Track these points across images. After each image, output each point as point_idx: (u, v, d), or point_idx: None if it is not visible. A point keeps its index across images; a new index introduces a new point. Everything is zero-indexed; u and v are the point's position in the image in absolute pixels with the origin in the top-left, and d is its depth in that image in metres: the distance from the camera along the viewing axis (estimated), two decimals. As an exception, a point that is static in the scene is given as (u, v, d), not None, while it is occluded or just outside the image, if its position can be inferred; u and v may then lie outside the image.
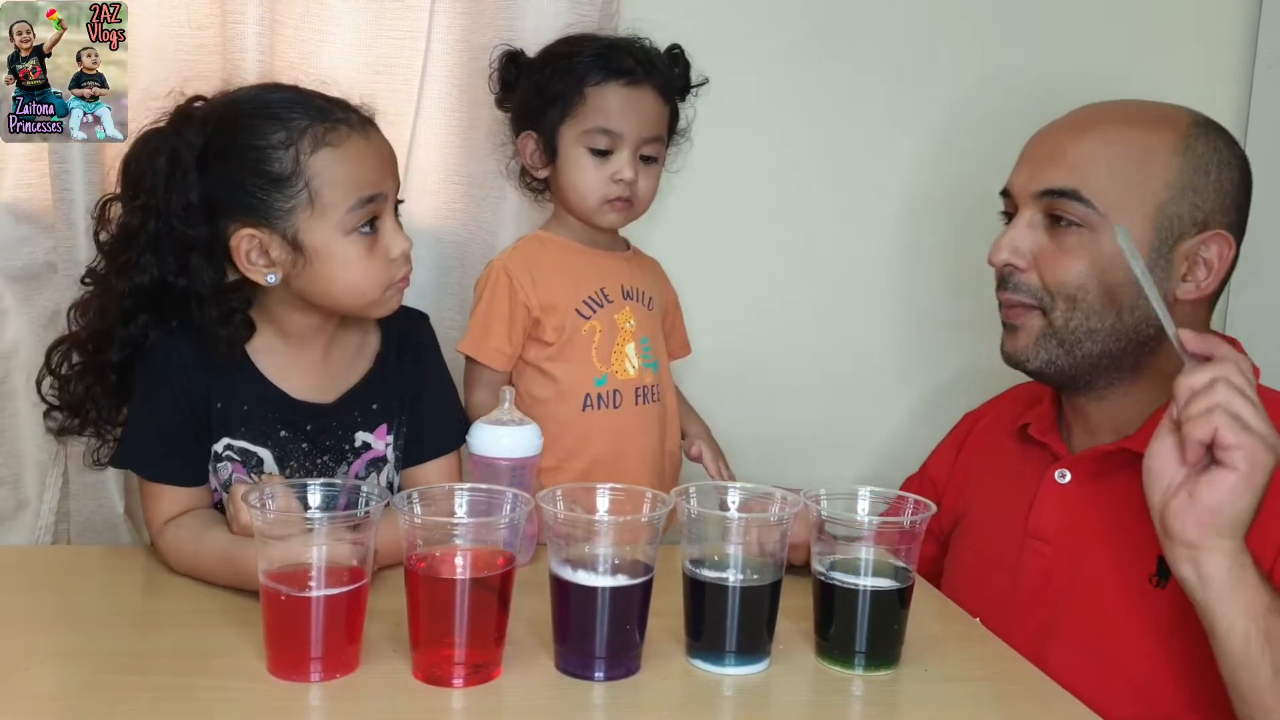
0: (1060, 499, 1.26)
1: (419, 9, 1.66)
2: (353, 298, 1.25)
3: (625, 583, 1.01)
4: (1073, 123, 1.26)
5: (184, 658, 1.02)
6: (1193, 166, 1.20)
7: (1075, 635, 1.19)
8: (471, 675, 0.99)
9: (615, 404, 1.46)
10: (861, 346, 1.87)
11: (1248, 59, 1.89)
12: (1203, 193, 1.20)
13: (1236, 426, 0.97)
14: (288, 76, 1.49)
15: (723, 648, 1.04)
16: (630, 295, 1.50)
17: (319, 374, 1.31)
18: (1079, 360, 1.23)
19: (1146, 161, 1.20)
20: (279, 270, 1.22)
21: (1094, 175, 1.20)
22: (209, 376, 1.26)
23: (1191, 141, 1.21)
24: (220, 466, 1.27)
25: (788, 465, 1.72)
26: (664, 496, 1.05)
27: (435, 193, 1.72)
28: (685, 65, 1.53)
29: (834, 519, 1.07)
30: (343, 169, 1.21)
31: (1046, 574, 1.25)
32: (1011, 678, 1.07)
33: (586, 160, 1.45)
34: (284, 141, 1.20)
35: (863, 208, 1.84)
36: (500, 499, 1.03)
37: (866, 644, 1.06)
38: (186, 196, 1.20)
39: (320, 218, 1.21)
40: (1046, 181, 1.22)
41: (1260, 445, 0.98)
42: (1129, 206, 1.19)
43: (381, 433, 1.33)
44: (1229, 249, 1.21)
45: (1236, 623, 0.99)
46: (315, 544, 0.98)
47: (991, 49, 1.85)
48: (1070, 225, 1.21)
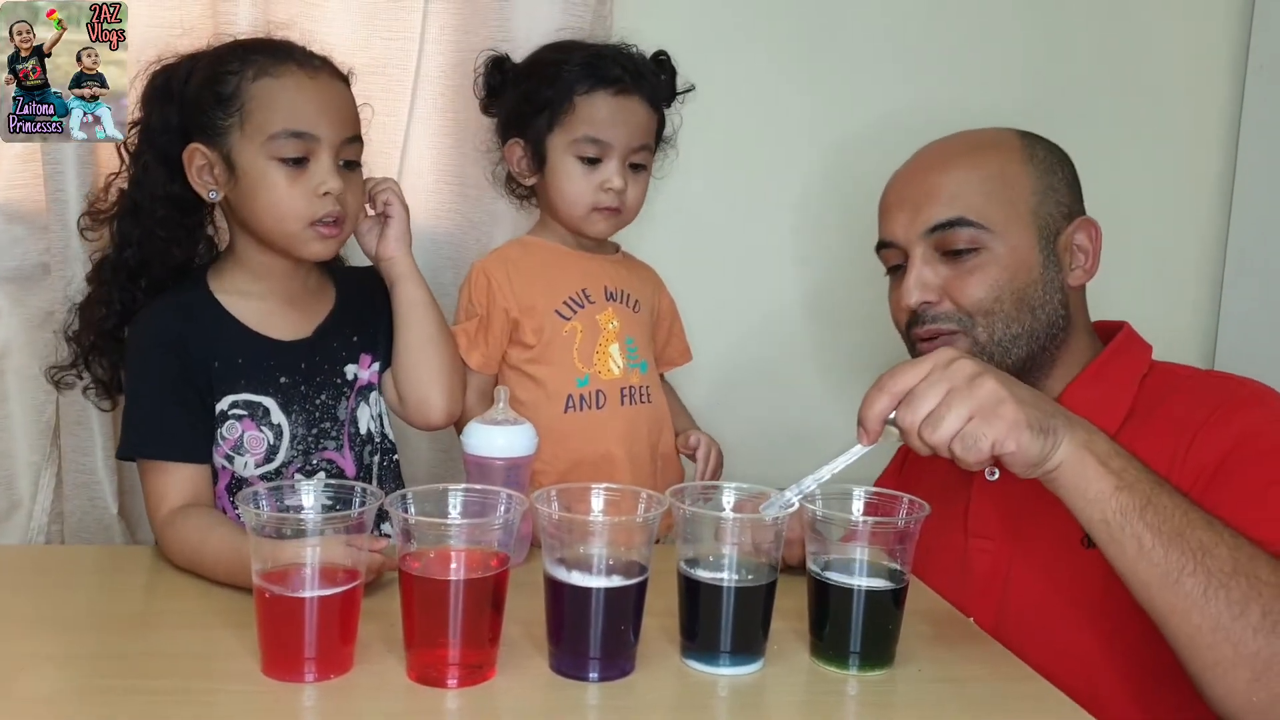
0: (993, 496, 1.31)
1: (412, 10, 1.66)
2: (273, 222, 1.31)
3: (620, 583, 1.01)
4: (926, 164, 1.35)
5: (177, 659, 1.02)
6: (1041, 170, 1.31)
7: (1026, 615, 1.23)
8: (466, 676, 0.98)
9: (599, 404, 1.45)
10: (855, 348, 1.87)
11: (1239, 63, 1.90)
12: (1058, 190, 1.31)
13: (968, 443, 1.00)
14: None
15: (717, 648, 1.04)
16: (613, 296, 1.49)
17: (291, 310, 1.38)
18: (1008, 367, 1.26)
19: (1006, 176, 1.30)
20: (220, 188, 1.32)
21: (971, 200, 1.28)
22: (199, 338, 1.31)
23: (1030, 151, 1.32)
24: (228, 426, 1.31)
25: (783, 466, 1.73)
26: (659, 497, 1.05)
27: (429, 194, 1.72)
28: (671, 72, 1.52)
29: (828, 519, 1.07)
30: (276, 97, 1.30)
31: (992, 567, 1.29)
32: (1006, 677, 1.07)
33: (575, 169, 1.44)
34: (237, 68, 1.31)
35: (856, 211, 1.84)
36: (494, 499, 1.03)
37: (861, 644, 1.06)
38: (166, 117, 1.33)
39: (248, 139, 1.29)
40: (931, 219, 1.30)
41: (984, 424, 1.00)
42: (1009, 217, 1.28)
43: (366, 361, 1.42)
44: (1095, 230, 1.32)
45: (1090, 511, 1.04)
46: (309, 544, 0.97)
47: (983, 50, 1.86)
48: (966, 251, 1.28)
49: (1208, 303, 1.96)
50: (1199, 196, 1.94)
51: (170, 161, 1.33)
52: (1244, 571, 1.00)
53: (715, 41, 1.80)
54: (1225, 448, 1.15)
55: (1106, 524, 1.03)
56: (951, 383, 1.02)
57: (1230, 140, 1.92)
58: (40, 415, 1.56)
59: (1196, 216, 1.95)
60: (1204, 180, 1.94)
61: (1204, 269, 1.95)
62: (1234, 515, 1.05)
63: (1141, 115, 1.88)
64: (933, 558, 1.31)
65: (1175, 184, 1.93)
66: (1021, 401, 1.02)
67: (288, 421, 1.34)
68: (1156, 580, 1.02)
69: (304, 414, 1.35)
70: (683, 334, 1.63)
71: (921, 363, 1.04)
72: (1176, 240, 1.95)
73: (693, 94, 1.71)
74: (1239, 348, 1.91)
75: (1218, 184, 1.94)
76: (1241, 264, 1.91)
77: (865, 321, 1.86)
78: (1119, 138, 1.86)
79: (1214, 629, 1.00)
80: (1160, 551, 1.01)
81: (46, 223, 1.50)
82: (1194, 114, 1.92)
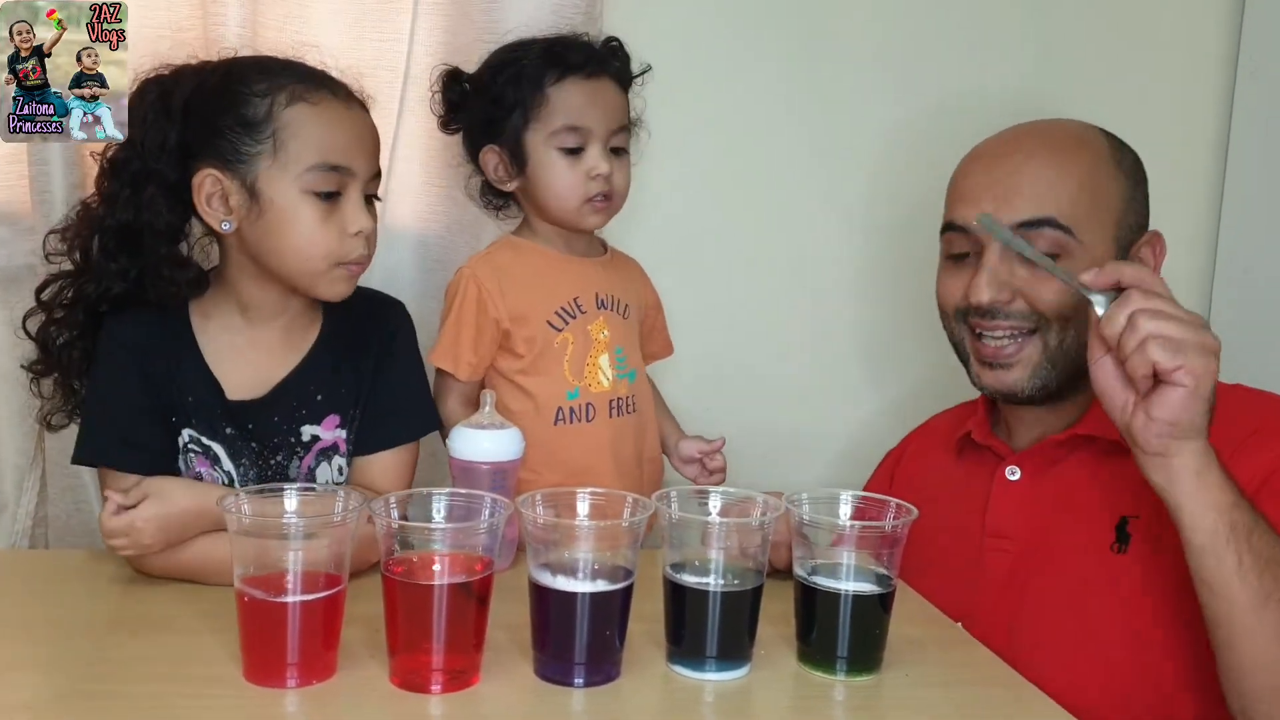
0: (1014, 495, 1.30)
1: (402, 10, 1.65)
2: (299, 262, 1.24)
3: (605, 588, 1.00)
4: (1013, 151, 1.28)
5: (159, 665, 1.01)
6: (1130, 179, 1.27)
7: (1044, 619, 1.21)
8: (450, 681, 0.98)
9: (588, 418, 1.43)
10: (843, 347, 1.87)
11: (1229, 67, 1.89)
12: (1139, 200, 1.28)
13: (1170, 349, 1.03)
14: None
15: (703, 653, 1.03)
16: (605, 304, 1.47)
17: (261, 356, 1.30)
18: (1071, 376, 1.26)
19: (1097, 181, 1.25)
20: (234, 219, 1.23)
21: (1061, 201, 1.24)
22: (160, 358, 1.26)
23: (1120, 156, 1.28)
24: (189, 459, 1.27)
25: (770, 468, 1.73)
26: (645, 501, 1.04)
27: (418, 195, 1.71)
28: (626, 57, 1.49)
29: (815, 523, 1.07)
30: (313, 127, 1.23)
31: (1010, 569, 1.28)
32: (994, 683, 1.07)
33: (559, 162, 1.41)
34: (264, 91, 1.23)
35: (842, 209, 1.84)
36: (479, 504, 1.03)
37: (848, 649, 1.05)
38: (165, 135, 1.23)
39: (281, 169, 1.22)
40: (1018, 214, 1.24)
41: (1198, 355, 1.03)
42: (1095, 225, 1.24)
43: (330, 423, 1.32)
44: (1161, 245, 1.29)
45: (1204, 517, 1.04)
46: (292, 549, 0.97)
47: (972, 53, 1.85)
48: (1047, 254, 1.22)
49: (1197, 309, 1.95)
50: (1189, 204, 1.93)
51: (164, 185, 1.24)
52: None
53: (706, 39, 1.79)
54: (1262, 475, 1.14)
55: (1217, 534, 1.04)
56: (1190, 316, 1.05)
57: (1220, 145, 1.91)
58: (25, 417, 1.55)
59: (1186, 224, 1.94)
60: (1193, 187, 1.93)
61: (1194, 278, 1.94)
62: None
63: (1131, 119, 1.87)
64: (941, 561, 1.30)
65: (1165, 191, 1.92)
66: (1212, 393, 1.05)
67: (236, 472, 1.28)
68: (1245, 601, 1.03)
69: (254, 468, 1.29)
70: (665, 328, 1.60)
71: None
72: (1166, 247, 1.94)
73: (681, 90, 1.71)
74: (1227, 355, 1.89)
75: (1207, 191, 1.93)
76: (1231, 272, 1.90)
77: (854, 321, 1.87)
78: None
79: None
80: (1255, 575, 1.03)
81: (33, 224, 1.49)
82: (1183, 119, 1.92)
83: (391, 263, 1.70)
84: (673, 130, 1.71)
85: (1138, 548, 1.18)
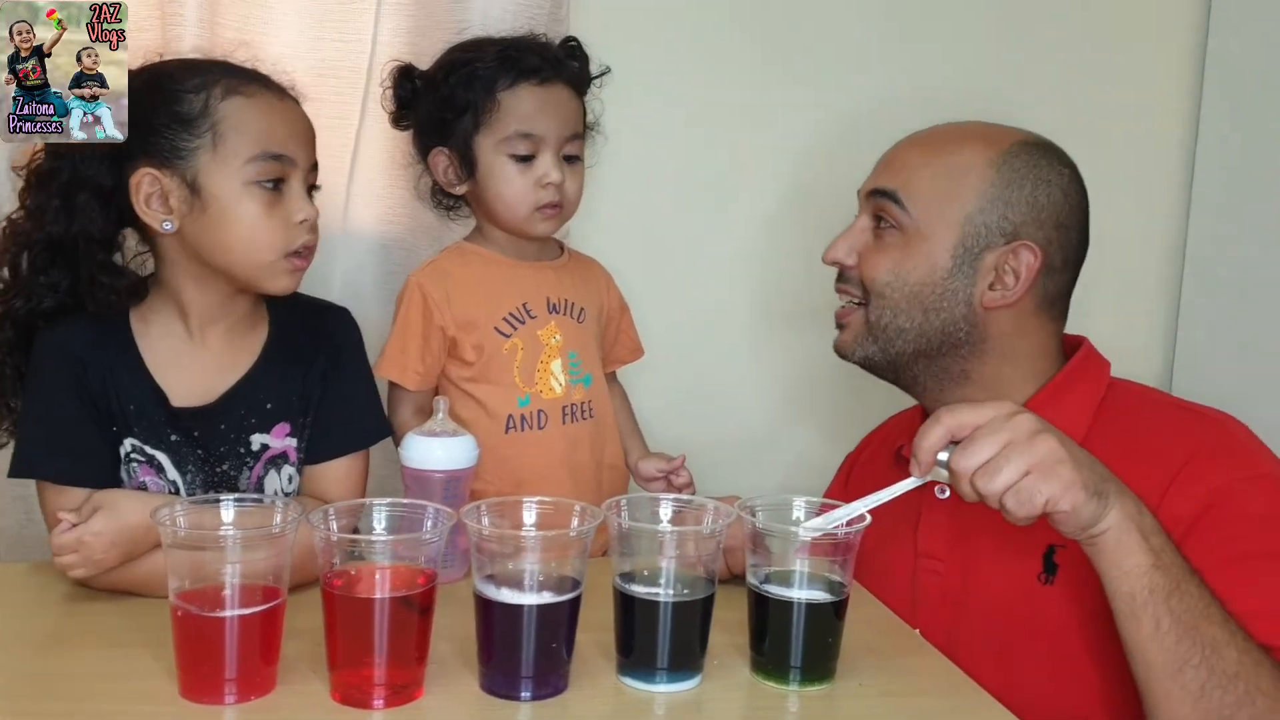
0: (943, 515, 1.28)
1: (364, 11, 1.63)
2: (246, 255, 1.23)
3: (551, 600, 0.98)
4: (916, 135, 1.32)
5: (92, 681, 0.99)
6: (1006, 180, 1.24)
7: (976, 644, 1.19)
8: (392, 696, 0.96)
9: (540, 425, 1.41)
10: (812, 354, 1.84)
11: (1196, 67, 1.88)
12: (1015, 205, 1.23)
13: (1022, 499, 0.99)
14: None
15: (654, 665, 1.01)
16: (556, 308, 1.45)
17: (208, 359, 1.28)
18: (894, 357, 1.28)
19: (962, 172, 1.25)
20: (175, 218, 1.21)
21: (912, 180, 1.26)
22: (99, 367, 1.23)
23: (1009, 157, 1.25)
24: (131, 469, 1.24)
25: (736, 473, 1.71)
26: (593, 510, 1.02)
27: (380, 199, 1.69)
28: (584, 58, 1.46)
29: (767, 530, 1.05)
30: (251, 117, 1.22)
31: (942, 589, 1.26)
32: (950, 692, 1.05)
33: (509, 169, 1.39)
34: (198, 86, 1.21)
35: (813, 212, 1.81)
36: (421, 514, 1.00)
37: (802, 659, 1.03)
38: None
39: (222, 163, 1.20)
40: (875, 182, 1.29)
41: (1043, 482, 0.99)
42: (937, 211, 1.24)
43: (281, 431, 1.29)
44: (1035, 259, 1.23)
45: (1121, 581, 1.03)
46: (229, 561, 0.95)
47: (942, 48, 1.84)
48: (889, 226, 1.26)
49: (1165, 320, 1.94)
50: (1156, 214, 1.92)
51: (98, 191, 1.22)
52: (1246, 677, 1.01)
53: (671, 38, 1.78)
54: (1200, 505, 1.12)
55: (1133, 598, 1.02)
56: (1012, 435, 1.00)
57: (1188, 151, 1.90)
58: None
59: (1154, 233, 1.92)
60: (1161, 195, 1.92)
61: (1162, 285, 1.93)
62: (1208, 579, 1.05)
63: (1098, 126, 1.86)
64: (885, 577, 1.29)
65: (1134, 200, 1.90)
66: (1079, 463, 1.01)
67: (183, 481, 1.25)
68: (1161, 664, 1.02)
69: (200, 475, 1.26)
70: (632, 329, 1.58)
71: (983, 408, 1.03)
72: (1133, 257, 1.92)
73: (649, 90, 1.69)
74: (1197, 366, 1.89)
75: (1175, 198, 1.92)
76: (1200, 280, 1.89)
77: (824, 327, 1.84)
78: (1074, 148, 1.85)
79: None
80: (1173, 638, 1.01)
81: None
82: (1151, 119, 1.91)
83: (353, 266, 1.68)
84: (640, 130, 1.69)
85: (1065, 577, 1.16)
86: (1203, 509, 1.11)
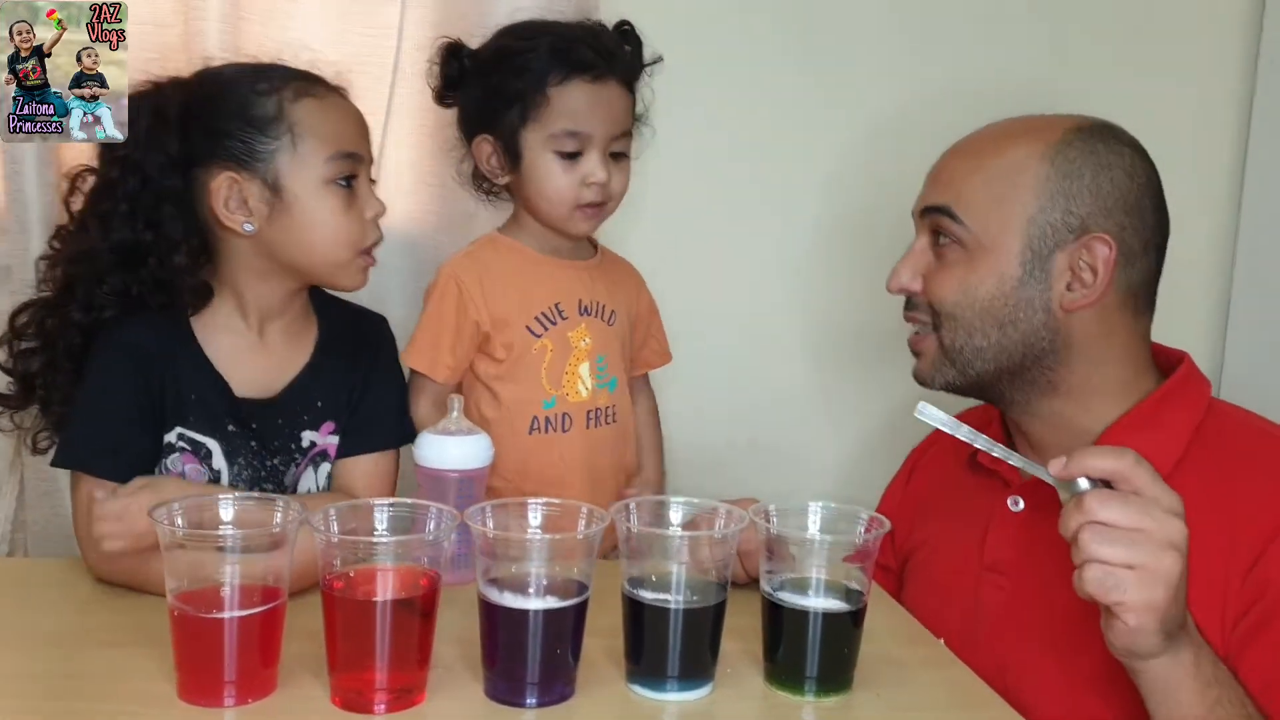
0: (1015, 528, 1.21)
1: (390, 3, 1.62)
2: (326, 251, 1.25)
3: (556, 605, 0.95)
4: (960, 143, 1.25)
5: (92, 681, 0.98)
6: (1062, 172, 1.15)
7: (1038, 660, 1.13)
8: (394, 701, 0.94)
9: (564, 428, 1.39)
10: (843, 355, 1.81)
11: (1249, 63, 1.81)
12: (1077, 197, 1.14)
13: (1108, 582, 0.92)
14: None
15: (664, 673, 0.98)
16: (588, 310, 1.42)
17: (267, 358, 1.29)
18: (975, 378, 1.20)
19: (1015, 173, 1.16)
20: (255, 220, 1.23)
21: (964, 190, 1.18)
22: (164, 362, 1.24)
23: (1063, 148, 1.16)
24: (172, 459, 1.24)
25: (761, 474, 1.67)
26: (600, 512, 0.99)
27: (408, 195, 1.67)
28: (638, 42, 1.42)
29: (782, 536, 1.01)
30: (324, 118, 1.25)
31: (1005, 607, 1.19)
32: (970, 705, 1.01)
33: (555, 165, 1.36)
34: (267, 89, 1.24)
35: (847, 212, 1.78)
36: (424, 515, 0.98)
37: (817, 668, 1.00)
38: (165, 150, 1.23)
39: (301, 163, 1.23)
40: (927, 199, 1.22)
41: (1140, 588, 0.92)
42: (999, 221, 1.16)
43: (326, 429, 1.31)
44: (1110, 250, 1.14)
45: (1175, 714, 0.97)
46: (228, 562, 0.93)
47: (983, 47, 1.79)
48: (949, 242, 1.19)
49: (1214, 321, 1.87)
50: (1206, 212, 1.85)
51: (175, 198, 1.23)
52: None
53: (704, 29, 1.73)
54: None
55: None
56: (1154, 528, 0.92)
57: (1239, 138, 1.83)
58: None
59: (1202, 231, 1.85)
60: (1211, 193, 1.85)
61: (1211, 285, 1.86)
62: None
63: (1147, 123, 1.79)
64: (945, 580, 1.24)
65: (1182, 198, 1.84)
66: (1177, 600, 0.93)
67: (228, 470, 1.26)
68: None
69: (249, 469, 1.27)
70: (662, 334, 1.55)
71: (1162, 485, 0.94)
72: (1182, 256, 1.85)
73: (680, 85, 1.65)
74: (1246, 369, 1.82)
75: (1226, 195, 1.85)
76: (1250, 280, 1.82)
77: (855, 328, 1.81)
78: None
79: None
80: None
81: (6, 225, 1.47)
82: (1202, 116, 1.84)
83: (381, 262, 1.66)
84: (669, 124, 1.65)
85: None
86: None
